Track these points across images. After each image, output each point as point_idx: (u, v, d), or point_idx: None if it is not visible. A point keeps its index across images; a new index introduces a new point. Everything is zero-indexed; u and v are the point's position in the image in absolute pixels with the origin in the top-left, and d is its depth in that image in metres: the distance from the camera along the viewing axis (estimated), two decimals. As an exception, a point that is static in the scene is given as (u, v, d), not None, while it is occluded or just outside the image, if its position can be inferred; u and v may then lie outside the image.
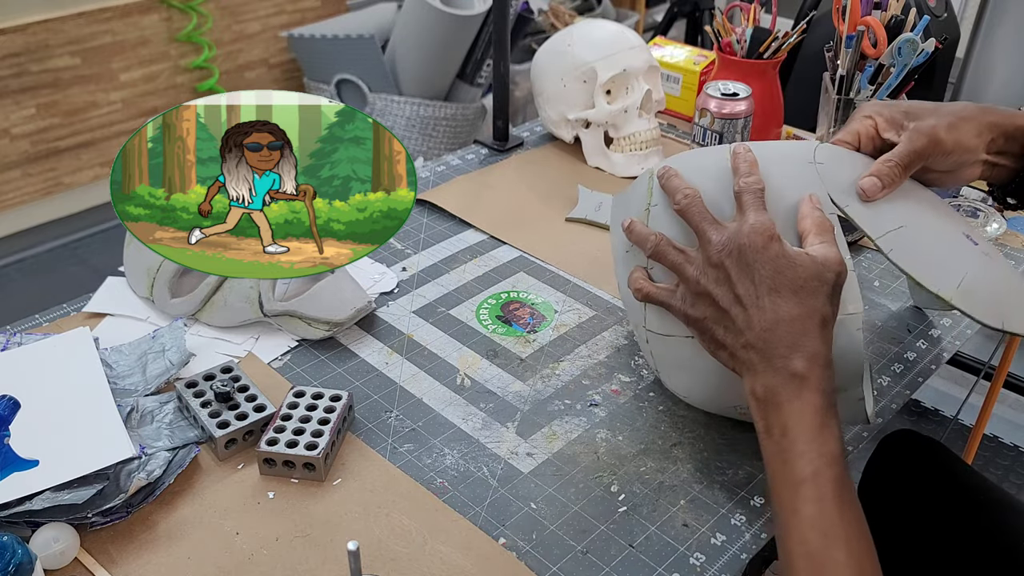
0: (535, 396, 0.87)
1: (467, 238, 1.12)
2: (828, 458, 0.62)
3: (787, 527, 0.62)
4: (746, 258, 0.67)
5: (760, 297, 0.66)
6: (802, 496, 0.61)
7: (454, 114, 2.67)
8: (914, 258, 0.73)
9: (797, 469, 0.62)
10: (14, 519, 0.70)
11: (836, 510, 0.61)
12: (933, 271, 0.73)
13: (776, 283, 0.66)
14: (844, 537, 0.60)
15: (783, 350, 0.65)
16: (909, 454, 1.01)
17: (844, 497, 0.61)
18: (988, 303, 0.73)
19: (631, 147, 1.26)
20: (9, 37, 2.27)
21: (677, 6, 2.84)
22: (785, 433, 0.63)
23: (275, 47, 2.85)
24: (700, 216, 0.70)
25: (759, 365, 0.66)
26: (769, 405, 0.65)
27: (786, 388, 0.64)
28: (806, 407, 0.63)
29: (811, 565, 0.60)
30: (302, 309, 0.92)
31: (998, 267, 0.76)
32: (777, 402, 0.64)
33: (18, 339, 0.89)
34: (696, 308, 0.70)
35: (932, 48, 1.09)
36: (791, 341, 0.65)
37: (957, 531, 0.92)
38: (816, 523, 0.60)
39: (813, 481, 0.61)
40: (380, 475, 0.78)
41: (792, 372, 0.64)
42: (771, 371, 0.65)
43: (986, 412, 1.53)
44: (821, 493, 0.61)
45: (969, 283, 0.73)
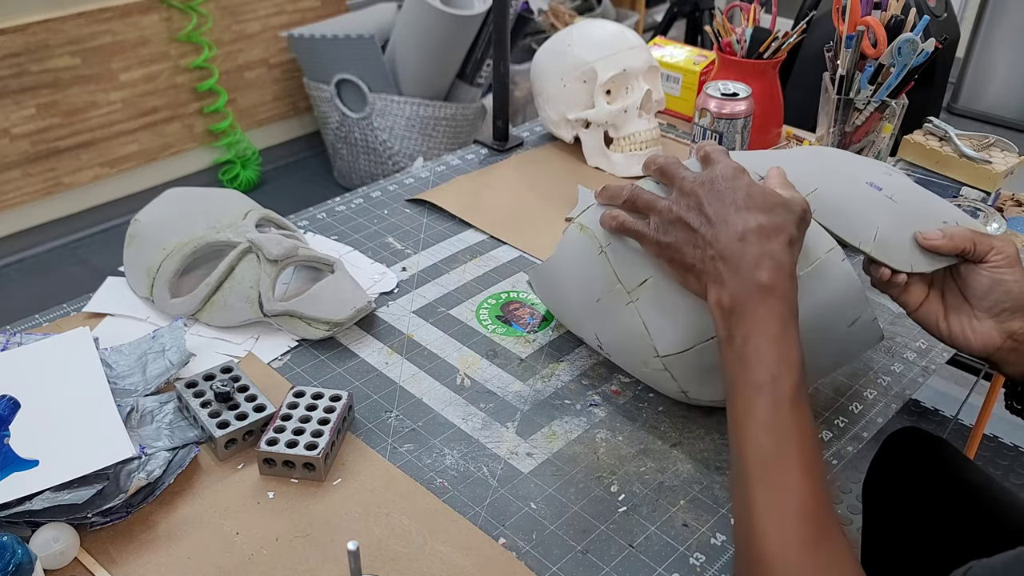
0: (535, 396, 0.87)
1: (467, 238, 1.12)
2: (788, 364, 0.63)
3: (743, 429, 0.63)
4: (717, 186, 0.70)
5: (729, 213, 0.68)
6: (758, 400, 0.62)
7: (454, 114, 2.67)
8: (833, 217, 0.76)
9: (757, 374, 0.63)
10: (14, 519, 0.70)
11: (790, 412, 0.62)
12: (851, 227, 0.76)
13: (747, 203, 0.68)
14: (795, 437, 0.61)
15: (750, 259, 0.66)
16: (914, 452, 1.01)
17: (799, 401, 0.63)
18: (899, 250, 0.77)
19: (631, 147, 1.26)
20: (9, 37, 2.27)
21: (677, 6, 2.84)
22: (747, 340, 0.64)
23: (275, 47, 2.85)
24: (676, 165, 0.74)
25: (726, 275, 0.67)
26: (734, 314, 0.66)
27: (751, 297, 0.65)
28: (771, 314, 0.64)
29: (764, 467, 0.60)
30: (302, 309, 0.92)
31: (901, 208, 0.78)
32: (742, 310, 0.65)
33: (18, 339, 0.89)
34: (668, 234, 0.72)
35: (932, 48, 1.09)
36: (759, 251, 0.66)
37: (962, 528, 0.92)
38: (771, 425, 0.61)
39: (772, 385, 0.62)
40: (380, 475, 0.78)
41: (758, 282, 0.65)
42: (738, 280, 0.66)
43: (986, 412, 1.53)
44: (778, 399, 0.62)
45: (883, 234, 0.76)
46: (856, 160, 0.84)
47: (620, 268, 0.79)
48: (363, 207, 1.19)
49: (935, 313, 0.79)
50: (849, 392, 0.90)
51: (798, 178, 0.76)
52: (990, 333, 0.76)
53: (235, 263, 0.94)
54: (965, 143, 1.18)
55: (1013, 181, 1.19)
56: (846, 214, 0.76)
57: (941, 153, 1.18)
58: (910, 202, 0.79)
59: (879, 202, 0.78)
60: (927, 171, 1.20)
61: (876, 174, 0.81)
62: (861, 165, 0.83)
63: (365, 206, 1.19)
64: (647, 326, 0.78)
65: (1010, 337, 0.75)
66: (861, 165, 0.83)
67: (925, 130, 1.22)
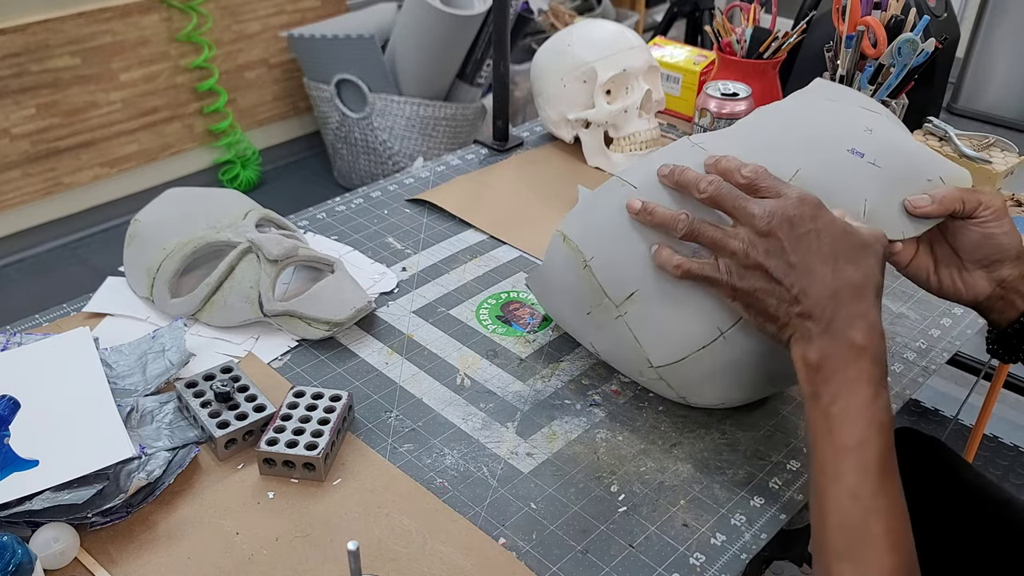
0: (535, 396, 0.87)
1: (467, 238, 1.12)
2: (877, 427, 0.61)
3: (826, 494, 0.61)
4: (798, 228, 0.66)
5: (816, 265, 0.65)
6: (846, 464, 0.60)
7: (454, 114, 2.67)
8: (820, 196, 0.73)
9: (845, 437, 0.61)
10: (14, 519, 0.70)
11: (878, 481, 0.60)
12: (839, 204, 0.74)
13: (834, 250, 0.65)
14: (884, 510, 0.59)
15: (844, 318, 0.64)
16: (910, 453, 1.01)
17: (888, 467, 0.61)
18: (888, 218, 0.75)
19: (631, 147, 1.26)
20: (9, 37, 2.27)
21: (677, 6, 2.84)
22: (835, 400, 0.62)
23: (275, 47, 2.85)
24: (734, 195, 0.69)
25: (815, 333, 0.65)
26: (821, 372, 0.64)
27: (843, 356, 0.63)
28: (862, 375, 0.63)
29: (848, 540, 0.58)
30: (302, 309, 0.92)
31: (886, 174, 0.76)
32: (832, 368, 0.63)
33: (18, 339, 0.89)
34: (745, 280, 0.69)
35: (932, 48, 1.09)
36: (851, 309, 0.64)
37: (959, 529, 0.92)
38: (857, 492, 0.59)
39: (859, 450, 0.60)
40: (380, 475, 0.78)
41: (851, 341, 0.63)
42: (828, 338, 0.64)
43: (986, 412, 1.53)
44: (866, 463, 0.60)
45: (871, 206, 0.75)
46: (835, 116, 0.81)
47: (606, 282, 0.78)
48: (363, 207, 1.19)
49: (925, 267, 0.79)
50: (849, 392, 0.90)
51: (778, 160, 0.74)
52: (980, 283, 0.76)
53: (235, 263, 0.94)
54: (965, 143, 1.18)
55: (1013, 181, 1.18)
56: (832, 191, 0.74)
57: (941, 153, 1.18)
58: (894, 165, 0.77)
59: (864, 171, 0.76)
60: (927, 171, 1.20)
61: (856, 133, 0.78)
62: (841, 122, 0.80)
63: (365, 206, 1.19)
64: (638, 339, 0.78)
65: (999, 284, 0.75)
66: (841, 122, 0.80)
67: (925, 130, 1.22)
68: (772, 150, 0.76)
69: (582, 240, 0.80)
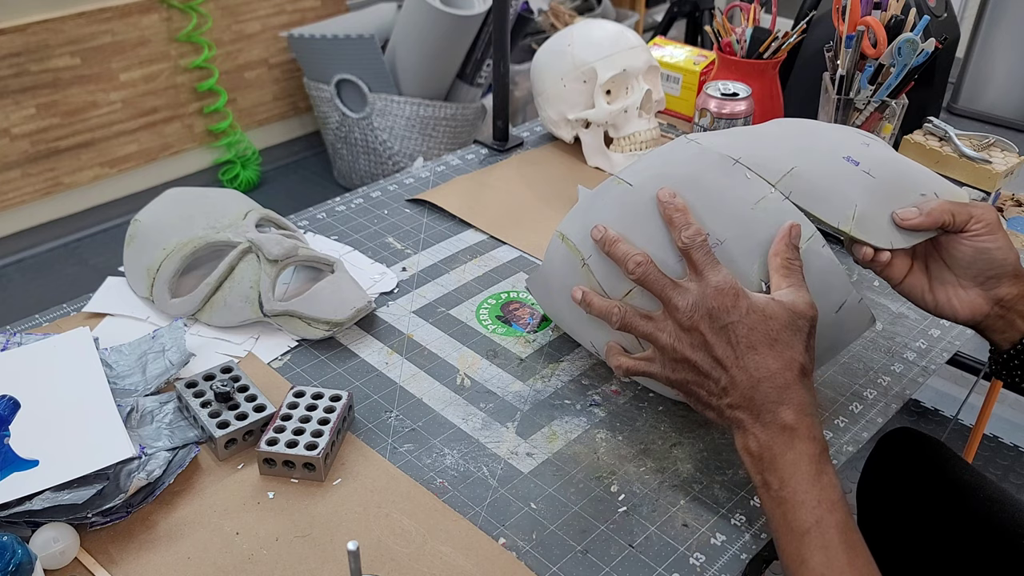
0: (535, 396, 0.87)
1: (467, 238, 1.12)
2: (829, 504, 0.62)
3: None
4: (718, 320, 0.67)
5: (739, 357, 0.67)
6: (808, 545, 0.61)
7: (454, 114, 2.67)
8: (812, 198, 0.74)
9: (800, 519, 0.62)
10: (14, 519, 0.70)
11: (844, 556, 0.61)
12: (830, 207, 0.74)
13: (752, 340, 0.66)
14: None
15: (770, 405, 0.65)
16: (908, 452, 1.01)
17: (850, 541, 0.62)
18: (878, 227, 0.75)
19: (631, 147, 1.26)
20: (9, 37, 2.27)
21: (677, 6, 2.84)
22: (784, 485, 0.64)
23: (275, 47, 2.85)
24: (660, 283, 0.71)
25: (748, 423, 0.67)
26: (764, 460, 0.65)
27: (778, 441, 0.65)
28: (800, 457, 0.64)
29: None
30: (302, 309, 0.92)
31: (879, 184, 0.77)
32: (771, 456, 0.65)
33: (18, 339, 0.89)
34: (677, 372, 0.71)
35: (932, 48, 1.09)
36: (776, 396, 0.65)
37: (956, 529, 0.92)
38: (823, 570, 0.61)
39: (817, 529, 0.62)
40: (380, 475, 0.78)
41: (782, 425, 0.65)
42: (760, 426, 0.66)
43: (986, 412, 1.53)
44: (827, 540, 0.61)
45: (861, 212, 0.75)
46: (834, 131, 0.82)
47: (604, 280, 0.78)
48: (363, 207, 1.19)
49: (920, 285, 0.78)
50: (849, 392, 0.90)
51: (774, 158, 0.75)
52: (977, 301, 0.75)
53: (235, 263, 0.94)
54: (965, 143, 1.18)
55: (1013, 181, 1.18)
56: (824, 193, 0.75)
57: (941, 153, 1.18)
58: (888, 176, 0.77)
59: (857, 179, 0.76)
60: (927, 171, 1.20)
61: (854, 146, 0.79)
62: (839, 137, 0.81)
63: (365, 206, 1.19)
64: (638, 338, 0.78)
65: (997, 304, 0.74)
66: (839, 137, 0.81)
67: (925, 130, 1.22)
68: (768, 149, 0.77)
69: (580, 239, 0.80)
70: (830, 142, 0.79)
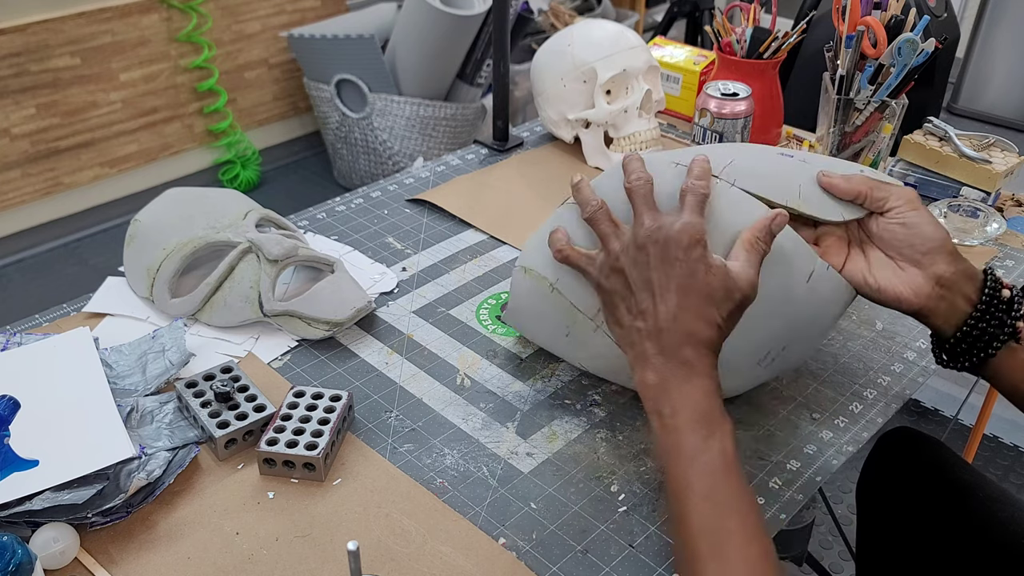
0: (535, 396, 0.87)
1: (467, 238, 1.12)
2: (720, 435, 0.64)
3: (683, 502, 0.63)
4: (669, 250, 0.69)
5: (668, 291, 0.69)
6: (695, 471, 0.63)
7: (454, 114, 2.67)
8: (755, 181, 0.77)
9: (688, 445, 0.64)
10: (14, 519, 0.70)
11: (725, 480, 0.63)
12: (774, 187, 0.77)
13: (687, 284, 0.68)
14: (735, 506, 0.62)
15: (676, 341, 0.68)
16: (907, 452, 1.01)
17: (732, 467, 0.64)
18: (824, 202, 0.78)
19: (631, 147, 1.26)
20: (9, 37, 2.27)
21: (677, 6, 2.84)
22: (675, 414, 0.66)
23: (275, 47, 2.85)
24: (644, 200, 0.73)
25: (652, 354, 0.68)
26: (660, 390, 0.67)
27: (677, 374, 0.67)
28: (695, 390, 0.66)
29: (708, 540, 0.61)
30: (302, 309, 0.92)
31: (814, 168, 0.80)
32: (667, 387, 0.67)
33: (18, 339, 0.89)
34: (609, 280, 0.73)
35: (932, 48, 1.09)
36: (683, 338, 0.68)
37: (955, 528, 0.92)
38: (709, 494, 0.62)
39: (705, 455, 0.64)
40: (380, 475, 0.78)
41: (682, 360, 0.67)
42: (662, 358, 0.68)
43: (986, 412, 1.53)
44: (713, 466, 0.63)
45: (805, 190, 0.78)
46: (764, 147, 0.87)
47: (576, 299, 0.80)
48: (363, 207, 1.19)
49: (860, 270, 0.79)
50: (849, 392, 0.90)
51: (713, 157, 0.77)
52: (917, 280, 0.76)
53: (235, 263, 0.94)
54: (965, 143, 1.18)
55: (1013, 181, 1.19)
56: (766, 176, 0.78)
57: (941, 153, 1.18)
58: (821, 163, 0.81)
59: (794, 165, 0.81)
60: (927, 171, 1.20)
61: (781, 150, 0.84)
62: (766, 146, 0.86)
63: (365, 206, 1.19)
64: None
65: (937, 283, 0.75)
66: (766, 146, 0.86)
67: (925, 130, 1.22)
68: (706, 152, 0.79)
69: (543, 266, 0.81)
70: (759, 147, 0.85)
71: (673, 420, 0.65)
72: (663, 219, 0.71)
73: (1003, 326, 0.74)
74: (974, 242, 1.11)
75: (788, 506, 0.77)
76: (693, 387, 0.66)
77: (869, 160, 1.18)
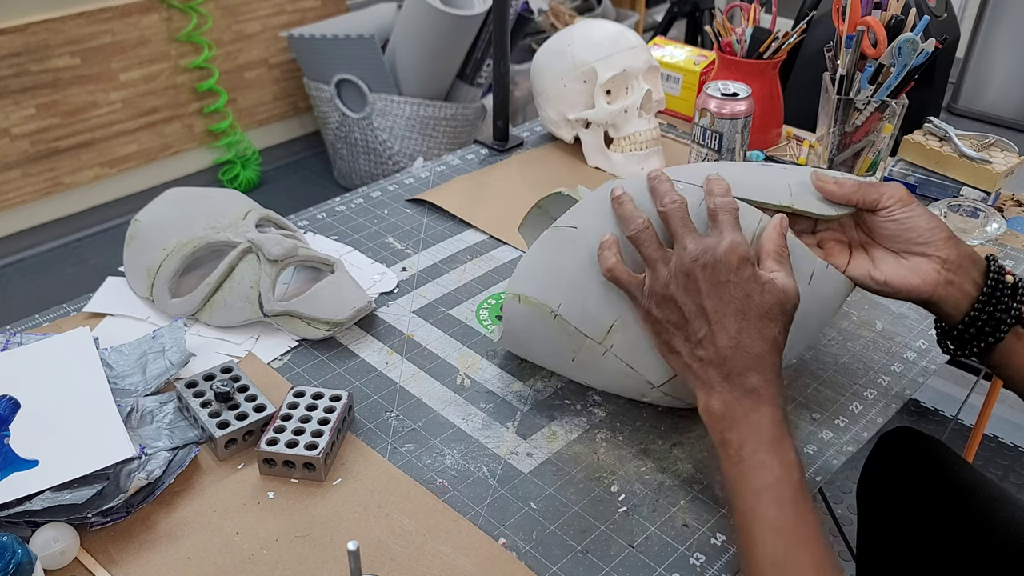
0: (535, 396, 0.87)
1: (467, 238, 1.12)
2: (787, 465, 0.64)
3: (750, 533, 0.63)
4: (718, 275, 0.68)
5: (726, 316, 0.68)
6: (764, 501, 0.63)
7: (454, 114, 2.67)
8: (745, 189, 0.76)
9: (757, 477, 0.64)
10: (14, 519, 0.70)
11: (796, 512, 0.62)
12: (766, 190, 0.78)
13: (744, 306, 0.68)
14: (806, 538, 0.62)
15: (740, 369, 0.67)
16: (908, 452, 1.01)
17: (803, 500, 0.63)
18: (816, 199, 0.79)
19: (631, 147, 1.26)
20: (9, 37, 2.27)
21: (677, 6, 2.84)
22: (743, 444, 0.65)
23: (275, 47, 2.85)
24: (682, 223, 0.72)
25: (716, 382, 0.68)
26: (726, 420, 0.67)
27: (743, 403, 0.66)
28: (763, 419, 0.65)
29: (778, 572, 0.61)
30: (302, 309, 0.92)
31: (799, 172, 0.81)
32: (734, 416, 0.66)
33: (18, 339, 0.89)
34: (660, 309, 0.72)
35: (932, 48, 1.09)
36: (749, 363, 0.67)
37: (955, 528, 0.92)
38: (778, 525, 0.62)
39: (775, 487, 0.63)
40: (380, 475, 0.78)
41: (749, 388, 0.66)
42: (728, 387, 0.67)
43: (986, 412, 1.53)
44: (781, 497, 0.63)
45: (796, 189, 0.79)
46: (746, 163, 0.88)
47: (582, 324, 0.78)
48: (363, 207, 1.19)
49: (865, 269, 0.79)
50: (849, 392, 0.90)
51: (696, 172, 0.77)
52: (924, 268, 0.75)
53: (235, 263, 0.94)
54: (965, 143, 1.18)
55: (1013, 181, 1.18)
56: (755, 182, 0.78)
57: (941, 153, 1.18)
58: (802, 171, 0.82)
59: (778, 171, 0.81)
60: (927, 171, 1.20)
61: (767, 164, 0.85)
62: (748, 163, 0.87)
63: (365, 206, 1.19)
64: (632, 366, 0.78)
65: (944, 266, 0.75)
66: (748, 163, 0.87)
67: (925, 130, 1.22)
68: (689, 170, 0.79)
69: (541, 293, 0.79)
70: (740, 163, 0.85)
71: (740, 451, 0.65)
72: (706, 242, 0.70)
73: (1008, 311, 0.74)
74: (974, 242, 1.11)
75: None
76: (761, 416, 0.65)
77: (869, 160, 1.18)
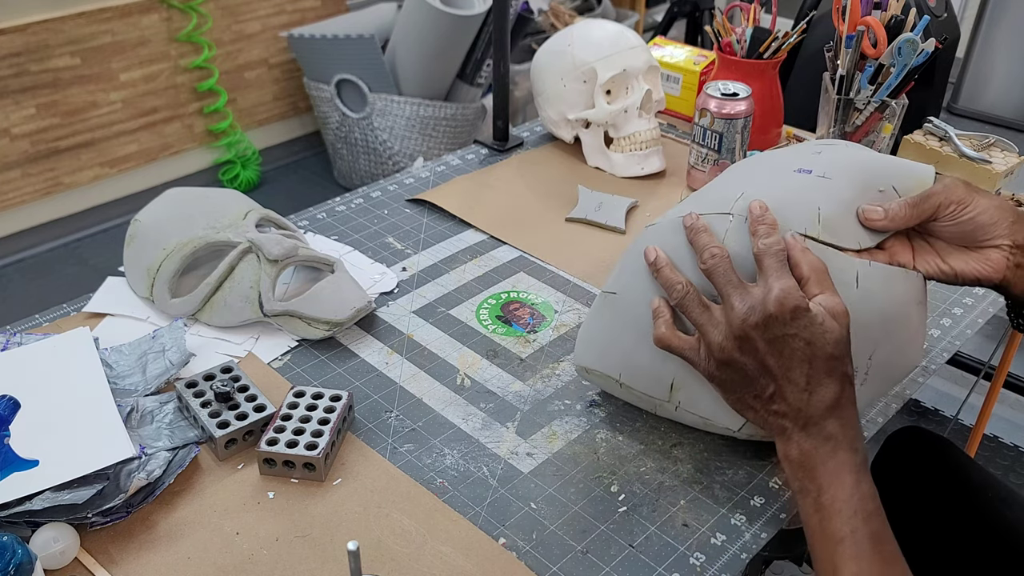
0: (535, 396, 0.87)
1: (467, 238, 1.12)
2: (865, 514, 0.63)
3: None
4: (773, 330, 0.66)
5: (791, 370, 0.66)
6: (841, 554, 0.62)
7: (454, 114, 2.67)
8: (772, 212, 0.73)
9: (835, 527, 0.63)
10: (14, 519, 0.70)
11: (877, 567, 0.62)
12: (791, 215, 0.72)
13: (809, 354, 0.66)
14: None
15: (817, 415, 0.66)
16: (915, 451, 1.01)
17: (884, 553, 0.62)
18: (845, 227, 0.74)
19: (631, 147, 1.26)
20: (9, 37, 2.27)
21: (677, 6, 2.84)
22: (822, 492, 0.64)
23: (275, 47, 2.85)
24: (725, 279, 0.69)
25: (792, 431, 0.67)
26: (804, 467, 0.66)
27: (821, 450, 0.65)
28: (841, 467, 0.64)
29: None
30: (302, 309, 0.92)
31: (837, 184, 0.75)
32: (812, 464, 0.65)
33: (18, 339, 0.89)
34: (720, 371, 0.70)
35: (932, 48, 1.09)
36: (825, 411, 0.66)
37: (965, 527, 0.92)
38: None
39: (852, 538, 0.62)
40: (380, 475, 0.78)
41: (827, 435, 0.65)
42: (805, 435, 0.66)
43: (986, 412, 1.53)
44: (860, 551, 0.62)
45: (826, 212, 0.73)
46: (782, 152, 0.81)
47: (646, 388, 0.79)
48: (363, 207, 1.19)
49: (933, 262, 0.77)
50: (849, 392, 0.90)
51: (722, 196, 0.74)
52: (993, 256, 0.74)
53: (235, 263, 0.94)
54: (965, 143, 1.18)
55: (1013, 181, 1.18)
56: (783, 205, 0.73)
57: (941, 153, 1.18)
58: (844, 175, 0.76)
59: (812, 184, 0.75)
60: (927, 171, 1.20)
61: (804, 157, 0.78)
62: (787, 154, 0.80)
63: (365, 206, 1.19)
64: (704, 417, 0.78)
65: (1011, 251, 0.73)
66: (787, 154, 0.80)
67: (925, 130, 1.22)
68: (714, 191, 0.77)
69: (601, 364, 0.81)
70: (777, 162, 0.79)
71: (818, 499, 0.64)
72: (753, 296, 0.67)
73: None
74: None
75: (788, 506, 0.77)
76: (839, 463, 0.64)
77: (869, 160, 1.18)
